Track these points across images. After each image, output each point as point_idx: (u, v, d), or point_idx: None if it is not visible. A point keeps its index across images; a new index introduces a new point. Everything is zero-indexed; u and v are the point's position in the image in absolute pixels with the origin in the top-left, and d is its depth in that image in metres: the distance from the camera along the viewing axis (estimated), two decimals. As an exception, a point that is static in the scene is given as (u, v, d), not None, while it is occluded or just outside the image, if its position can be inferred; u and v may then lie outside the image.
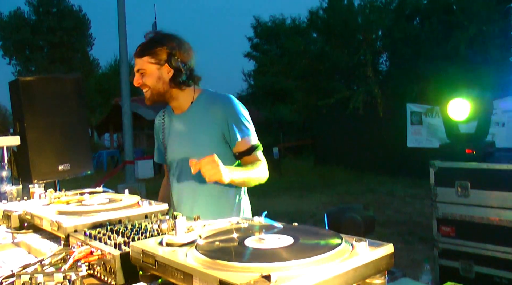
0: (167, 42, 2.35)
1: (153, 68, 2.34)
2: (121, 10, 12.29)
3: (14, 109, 4.04)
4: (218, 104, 2.41)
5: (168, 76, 2.36)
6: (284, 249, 1.11)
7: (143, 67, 2.35)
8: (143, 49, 2.37)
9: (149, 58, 2.34)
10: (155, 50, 2.34)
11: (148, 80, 2.36)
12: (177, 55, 2.34)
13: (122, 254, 1.30)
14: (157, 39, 2.38)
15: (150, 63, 2.34)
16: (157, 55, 2.33)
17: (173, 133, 2.53)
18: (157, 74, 2.35)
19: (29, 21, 40.20)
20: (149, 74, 2.35)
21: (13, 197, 2.45)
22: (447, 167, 4.55)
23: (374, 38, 13.92)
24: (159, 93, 2.39)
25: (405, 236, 6.98)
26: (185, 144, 2.45)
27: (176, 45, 2.36)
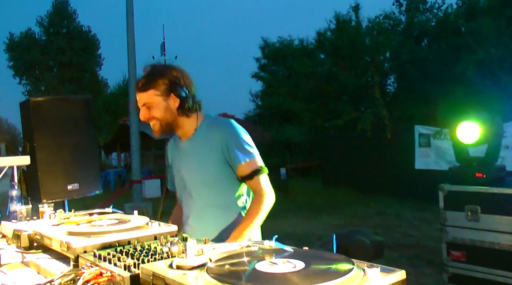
0: (168, 72, 2.39)
1: (159, 99, 2.36)
2: (130, 30, 12.41)
3: (24, 129, 4.08)
4: (218, 129, 2.43)
5: (175, 105, 2.38)
6: (296, 274, 1.10)
7: (149, 101, 2.36)
8: (147, 83, 2.37)
9: (154, 91, 2.35)
10: (158, 82, 2.35)
11: (156, 112, 2.38)
12: (180, 83, 2.38)
13: (132, 276, 1.30)
14: (159, 71, 2.40)
15: (156, 95, 2.35)
16: (161, 86, 2.35)
17: (181, 159, 2.57)
18: (164, 105, 2.37)
19: (40, 41, 40.67)
20: (156, 106, 2.37)
21: (22, 217, 2.46)
22: (457, 190, 4.52)
23: (382, 60, 13.95)
24: (167, 123, 2.41)
25: (413, 259, 6.92)
26: (191, 169, 2.49)
27: (178, 73, 2.40)
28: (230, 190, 2.47)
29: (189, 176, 2.51)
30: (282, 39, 28.78)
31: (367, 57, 14.05)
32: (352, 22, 14.85)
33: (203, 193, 2.46)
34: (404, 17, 14.80)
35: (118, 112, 29.95)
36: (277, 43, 28.70)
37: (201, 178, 2.46)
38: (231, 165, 2.40)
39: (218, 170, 2.41)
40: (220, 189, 2.45)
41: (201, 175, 2.45)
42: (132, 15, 12.45)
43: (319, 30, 16.77)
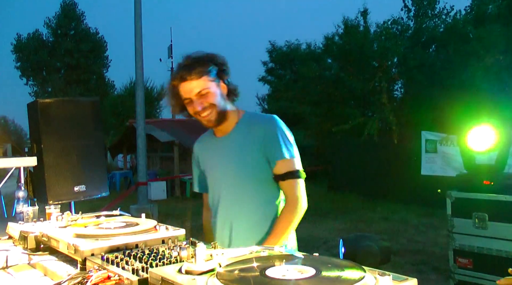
0: (216, 59, 2.30)
1: (214, 85, 2.25)
2: (138, 33, 12.43)
3: (31, 130, 4.09)
4: (260, 124, 2.32)
5: (225, 92, 2.31)
6: (306, 281, 1.09)
7: (206, 87, 2.22)
8: (199, 69, 2.22)
9: (207, 77, 2.23)
10: (208, 67, 2.24)
11: (212, 98, 2.24)
12: (227, 70, 2.32)
13: (140, 280, 1.29)
14: (208, 58, 2.29)
15: (210, 81, 2.24)
16: (212, 73, 2.25)
17: (216, 157, 2.41)
18: (219, 91, 2.27)
19: (47, 43, 40.81)
20: (213, 92, 2.24)
21: (29, 218, 2.46)
22: (464, 198, 4.50)
23: (390, 65, 13.92)
24: (222, 111, 2.29)
25: (419, 265, 6.89)
26: (230, 167, 2.34)
27: (223, 60, 2.32)
28: (273, 193, 2.34)
29: (227, 174, 2.34)
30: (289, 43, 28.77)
31: (375, 62, 14.02)
32: (360, 27, 14.83)
33: (242, 193, 2.32)
34: (413, 22, 14.77)
35: (124, 114, 30.02)
36: (285, 47, 28.68)
37: (240, 177, 2.31)
38: (270, 161, 2.28)
39: (259, 169, 2.29)
40: (261, 190, 2.32)
41: (240, 173, 2.30)
42: (140, 18, 12.48)
43: (327, 34, 16.77)
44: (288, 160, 2.27)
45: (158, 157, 21.28)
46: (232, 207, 2.35)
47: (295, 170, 2.29)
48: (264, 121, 2.35)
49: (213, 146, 2.45)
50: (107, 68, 43.10)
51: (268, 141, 2.27)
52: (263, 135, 2.28)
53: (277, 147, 2.26)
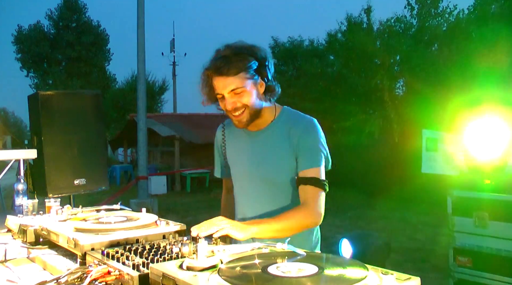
0: (258, 53, 2.06)
1: (251, 84, 2.03)
2: (141, 27, 12.41)
3: (32, 122, 4.07)
4: (299, 124, 2.15)
5: (262, 90, 2.09)
6: (309, 278, 1.08)
7: (241, 85, 2.00)
8: (237, 64, 1.99)
9: (245, 73, 2.00)
10: (249, 62, 2.01)
11: (247, 98, 2.03)
12: (268, 65, 2.09)
13: (141, 275, 1.28)
14: (249, 51, 2.05)
15: (247, 78, 2.01)
16: (251, 68, 2.01)
17: (246, 152, 2.24)
18: (255, 89, 2.05)
19: (49, 35, 40.69)
20: (248, 92, 2.03)
21: (29, 211, 2.45)
22: (465, 197, 4.50)
23: (392, 63, 13.89)
24: (256, 112, 2.10)
25: (418, 263, 6.90)
26: (261, 163, 2.19)
27: (265, 54, 2.09)
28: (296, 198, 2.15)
29: (257, 170, 2.19)
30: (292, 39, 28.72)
31: (377, 59, 14.00)
32: (363, 24, 14.81)
33: (269, 192, 2.19)
34: (416, 21, 14.74)
35: (125, 107, 30.04)
36: (287, 43, 28.65)
37: (271, 177, 2.17)
38: (298, 165, 2.13)
39: (291, 172, 2.15)
40: (288, 191, 2.18)
41: (270, 174, 2.17)
42: (143, 11, 12.46)
43: (330, 31, 16.74)
44: (314, 170, 2.12)
45: (158, 152, 21.28)
46: (255, 205, 2.21)
47: (318, 179, 2.12)
48: (302, 123, 2.17)
49: (242, 139, 2.27)
50: (108, 61, 43.03)
51: (303, 145, 2.12)
52: (298, 137, 2.12)
53: (308, 154, 2.13)
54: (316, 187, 2.08)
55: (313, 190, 2.07)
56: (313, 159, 2.12)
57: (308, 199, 2.05)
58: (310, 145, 2.12)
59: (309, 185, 2.07)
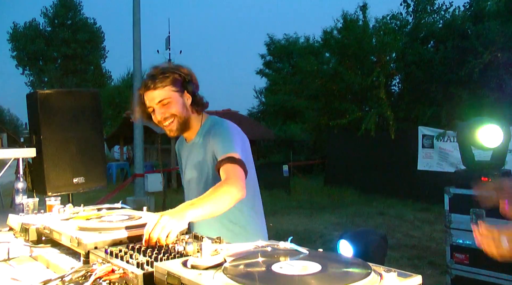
0: (180, 70, 2.35)
1: (177, 95, 2.31)
2: (137, 25, 12.39)
3: (30, 121, 4.07)
4: (212, 131, 2.37)
5: (188, 102, 2.36)
6: (313, 276, 1.09)
7: (168, 96, 2.29)
8: (163, 79, 2.29)
9: (171, 87, 2.29)
10: (174, 78, 2.31)
11: (174, 108, 2.31)
12: (192, 80, 2.37)
13: (145, 274, 1.29)
14: (172, 69, 2.35)
15: (173, 91, 2.30)
16: (176, 82, 2.31)
17: (186, 160, 2.55)
18: (181, 101, 2.33)
19: (44, 32, 40.55)
20: (174, 102, 2.31)
21: (29, 210, 2.45)
22: (462, 194, 4.52)
23: (388, 60, 13.91)
24: (185, 120, 2.36)
25: (414, 260, 6.92)
26: (191, 172, 2.48)
27: (188, 71, 2.37)
28: None
29: (190, 178, 2.50)
30: (288, 36, 28.77)
31: (373, 57, 14.01)
32: (359, 22, 14.79)
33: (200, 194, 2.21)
34: (412, 18, 14.73)
35: (121, 105, 29.97)
36: (283, 40, 28.69)
37: (198, 182, 2.43)
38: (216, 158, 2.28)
39: (212, 170, 2.34)
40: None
41: (198, 179, 2.43)
42: (139, 9, 12.43)
43: (325, 28, 16.72)
44: (228, 154, 2.19)
45: (155, 149, 21.27)
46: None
47: (233, 157, 2.18)
48: (214, 128, 2.37)
49: (184, 150, 2.58)
50: (104, 59, 42.94)
51: (214, 140, 2.31)
52: (212, 142, 2.32)
53: (217, 147, 2.27)
54: (233, 163, 2.16)
55: (230, 167, 2.16)
56: (225, 146, 2.24)
57: (229, 174, 2.13)
58: (221, 137, 2.30)
59: (226, 164, 2.16)
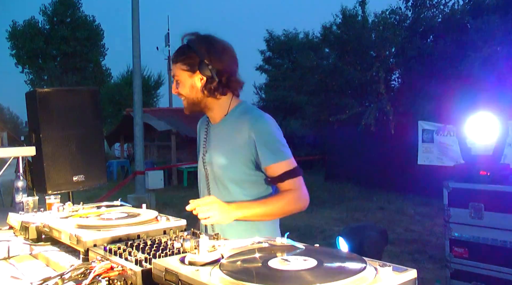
0: (197, 46, 2.19)
1: (186, 75, 2.21)
2: (136, 22, 12.39)
3: (30, 119, 4.08)
4: (247, 119, 2.20)
5: (201, 84, 2.20)
6: (308, 271, 1.10)
7: (177, 74, 2.23)
8: (177, 54, 2.24)
9: (181, 64, 2.21)
10: (187, 56, 2.19)
11: (182, 89, 2.24)
12: (208, 61, 2.16)
13: (143, 270, 1.30)
14: (190, 44, 2.22)
15: (182, 70, 2.21)
16: (188, 61, 2.19)
17: (207, 143, 2.37)
18: (189, 82, 2.22)
19: (43, 30, 40.48)
20: (182, 82, 2.23)
21: (29, 208, 2.46)
22: (461, 188, 4.54)
23: (387, 55, 13.90)
24: (194, 102, 2.26)
25: (415, 254, 6.94)
26: (215, 158, 2.28)
27: (206, 49, 2.18)
28: (254, 190, 2.25)
29: (213, 164, 2.29)
30: (287, 32, 28.74)
31: (373, 52, 14.00)
32: (358, 17, 14.79)
33: (223, 186, 2.26)
34: (411, 12, 14.70)
35: (121, 102, 30.01)
36: (282, 36, 28.65)
37: (222, 170, 2.25)
38: (259, 163, 2.18)
39: (240, 166, 2.21)
40: (242, 186, 2.24)
41: (223, 166, 2.24)
42: (138, 6, 12.43)
43: (324, 23, 16.73)
44: (281, 163, 2.15)
45: (155, 146, 21.29)
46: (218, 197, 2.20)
47: (291, 170, 2.16)
48: (250, 117, 2.22)
49: (205, 131, 2.42)
50: (103, 56, 42.89)
51: (256, 143, 2.16)
52: (249, 134, 2.17)
53: (265, 150, 2.15)
54: (291, 178, 2.15)
55: (289, 183, 2.14)
56: (273, 154, 2.15)
57: (292, 188, 2.14)
58: (263, 140, 2.16)
59: (283, 181, 2.15)
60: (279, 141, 2.18)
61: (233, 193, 2.23)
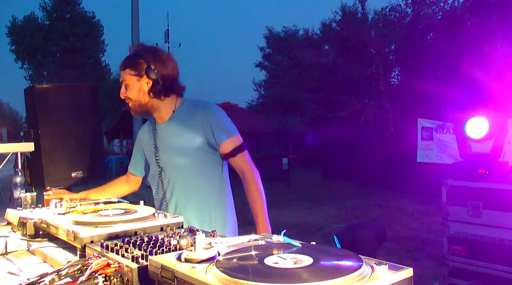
0: (144, 54, 2.48)
1: (134, 79, 2.48)
2: (135, 19, 12.37)
3: (28, 115, 4.07)
4: (199, 111, 2.52)
5: (147, 87, 2.48)
6: (304, 269, 1.10)
7: (125, 79, 2.50)
8: (125, 62, 2.51)
9: (129, 70, 2.48)
10: (134, 62, 2.48)
11: (130, 92, 2.51)
12: (153, 66, 2.45)
13: (140, 267, 1.30)
14: (136, 52, 2.52)
15: (130, 75, 2.48)
16: (136, 67, 2.47)
17: (158, 143, 2.62)
18: (137, 85, 2.49)
19: (43, 26, 40.52)
20: (131, 86, 2.50)
21: (27, 204, 2.47)
22: (459, 186, 4.54)
23: (387, 52, 13.90)
24: (140, 104, 2.53)
25: (413, 252, 6.96)
26: (171, 154, 2.55)
27: (153, 57, 2.47)
28: (213, 175, 2.56)
29: (168, 160, 2.57)
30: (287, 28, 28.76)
31: (372, 49, 14.00)
32: (358, 14, 14.77)
33: (184, 177, 2.54)
34: (411, 9, 14.69)
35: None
36: (282, 32, 28.66)
37: (181, 162, 2.52)
38: (214, 143, 2.49)
39: (198, 153, 2.50)
40: (202, 173, 2.53)
41: (182, 158, 2.52)
42: (137, 2, 12.41)
43: (324, 20, 16.70)
44: (232, 139, 2.51)
45: (154, 142, 21.29)
46: (181, 190, 2.57)
47: (240, 144, 2.52)
48: (201, 108, 2.54)
49: (153, 132, 2.66)
50: (103, 52, 42.92)
51: (210, 126, 2.48)
52: (202, 121, 2.48)
53: (218, 130, 2.49)
54: (240, 152, 2.51)
55: (239, 157, 2.52)
56: (226, 131, 2.50)
57: (241, 166, 2.51)
58: (216, 121, 2.51)
59: (235, 156, 2.51)
60: (228, 121, 2.55)
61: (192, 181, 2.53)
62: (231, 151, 2.49)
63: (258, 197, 2.47)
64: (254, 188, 2.48)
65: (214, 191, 2.56)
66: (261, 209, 2.46)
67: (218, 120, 2.51)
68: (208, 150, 2.51)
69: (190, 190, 2.55)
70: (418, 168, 12.36)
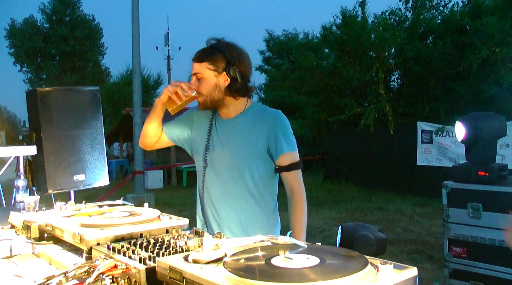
0: (228, 50, 2.37)
1: (211, 74, 2.37)
2: (136, 21, 12.38)
3: (30, 119, 4.09)
4: (268, 116, 2.48)
5: (224, 84, 2.39)
6: (311, 269, 1.12)
7: (201, 72, 2.38)
8: (204, 54, 2.39)
9: (208, 64, 2.37)
10: (215, 57, 2.36)
11: (204, 87, 2.39)
12: (236, 65, 2.37)
13: (148, 269, 1.31)
14: (219, 47, 2.39)
15: (208, 69, 2.37)
16: (216, 62, 2.36)
17: (216, 137, 2.53)
18: (214, 81, 2.38)
19: (42, 29, 40.42)
20: (206, 81, 2.38)
21: (30, 208, 2.47)
22: (460, 188, 4.56)
23: (387, 56, 13.90)
24: (213, 100, 2.42)
25: (414, 254, 6.97)
26: (226, 151, 2.47)
27: (236, 55, 2.39)
28: (265, 180, 2.51)
29: (224, 155, 2.48)
30: (287, 32, 28.77)
31: (372, 53, 14.00)
32: (358, 17, 14.77)
33: (235, 175, 2.46)
34: (410, 13, 14.68)
35: (121, 102, 29.94)
36: (282, 36, 28.68)
37: (235, 162, 2.45)
38: (274, 152, 2.44)
39: (254, 157, 2.44)
40: (255, 175, 2.47)
41: (235, 158, 2.45)
42: (138, 5, 12.42)
43: (324, 24, 16.67)
44: (292, 154, 2.46)
45: (154, 146, 21.26)
46: (221, 187, 2.49)
47: (298, 162, 2.48)
48: (271, 114, 2.49)
49: (215, 123, 2.55)
50: (103, 56, 42.88)
51: (277, 134, 2.42)
52: (270, 127, 2.43)
53: (283, 141, 2.43)
54: (295, 169, 2.49)
55: (293, 174, 2.49)
56: (289, 144, 2.46)
57: (292, 183, 2.49)
58: (283, 132, 2.45)
59: (289, 171, 2.47)
60: (292, 135, 2.50)
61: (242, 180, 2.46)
62: (288, 165, 2.45)
63: (301, 218, 2.45)
64: (300, 208, 2.47)
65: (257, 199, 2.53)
66: (301, 230, 2.43)
67: (285, 130, 2.47)
68: (264, 158, 2.47)
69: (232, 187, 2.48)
70: (418, 171, 12.38)
